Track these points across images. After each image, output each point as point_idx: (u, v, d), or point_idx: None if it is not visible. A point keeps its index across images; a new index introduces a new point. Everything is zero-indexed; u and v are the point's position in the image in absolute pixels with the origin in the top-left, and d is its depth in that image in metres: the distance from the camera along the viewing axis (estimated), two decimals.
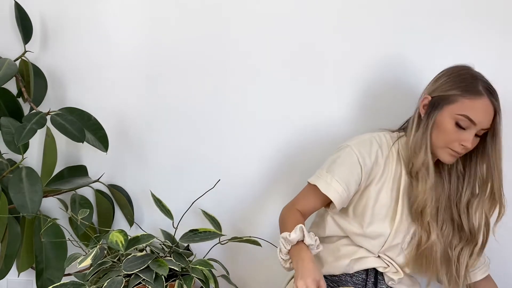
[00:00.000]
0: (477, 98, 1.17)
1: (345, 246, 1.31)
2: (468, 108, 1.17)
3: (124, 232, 1.32)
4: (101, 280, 1.31)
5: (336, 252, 1.32)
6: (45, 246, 1.52)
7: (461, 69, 1.23)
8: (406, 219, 1.27)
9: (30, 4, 1.57)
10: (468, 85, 1.18)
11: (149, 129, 1.64)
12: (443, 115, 1.20)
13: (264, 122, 1.60)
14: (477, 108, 1.17)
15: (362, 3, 1.52)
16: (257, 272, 1.68)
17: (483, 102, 1.17)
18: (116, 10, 1.59)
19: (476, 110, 1.17)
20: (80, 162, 1.66)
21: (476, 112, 1.17)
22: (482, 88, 1.18)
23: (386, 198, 1.26)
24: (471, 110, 1.17)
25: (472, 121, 1.17)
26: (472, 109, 1.17)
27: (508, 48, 1.50)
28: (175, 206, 1.53)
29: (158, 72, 1.61)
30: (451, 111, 1.19)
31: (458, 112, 1.18)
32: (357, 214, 1.28)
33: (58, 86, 1.63)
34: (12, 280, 1.69)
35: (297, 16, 1.54)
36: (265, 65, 1.58)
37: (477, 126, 1.17)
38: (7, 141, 1.39)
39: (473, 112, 1.16)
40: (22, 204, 1.30)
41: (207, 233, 1.47)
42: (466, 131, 1.18)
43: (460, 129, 1.18)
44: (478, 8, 1.49)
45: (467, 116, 1.16)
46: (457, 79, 1.21)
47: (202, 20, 1.57)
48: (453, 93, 1.19)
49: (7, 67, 1.43)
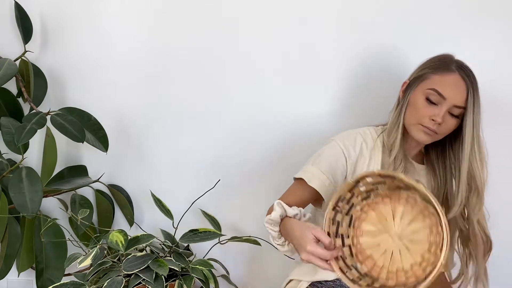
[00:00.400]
0: (447, 74, 1.19)
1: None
2: (437, 83, 1.19)
3: (124, 232, 1.32)
4: (101, 280, 1.31)
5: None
6: (45, 246, 1.52)
7: (439, 54, 1.25)
8: None
9: (30, 4, 1.57)
10: (440, 64, 1.21)
11: (149, 129, 1.64)
12: (416, 92, 1.22)
13: (264, 122, 1.60)
14: (447, 82, 1.18)
15: (362, 3, 1.52)
16: (257, 272, 1.68)
17: (454, 77, 1.19)
18: (116, 10, 1.59)
19: (446, 84, 1.18)
20: (80, 162, 1.66)
21: (446, 86, 1.18)
22: (454, 66, 1.20)
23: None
24: (441, 84, 1.18)
25: (441, 95, 1.17)
26: (441, 83, 1.18)
27: (508, 48, 1.50)
28: (175, 206, 1.53)
29: (158, 72, 1.61)
30: (422, 87, 1.21)
31: (428, 87, 1.19)
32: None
33: (58, 86, 1.63)
34: (12, 280, 1.69)
35: (294, 17, 1.55)
36: (265, 65, 1.58)
37: (447, 101, 1.18)
38: (7, 141, 1.39)
39: (443, 86, 1.18)
40: (22, 204, 1.30)
41: (207, 233, 1.47)
42: (438, 106, 1.18)
43: (431, 104, 1.19)
44: (478, 8, 1.49)
45: (436, 89, 1.18)
46: (431, 60, 1.24)
47: (202, 20, 1.57)
48: (425, 71, 1.22)
49: (7, 67, 1.43)
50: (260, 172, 1.63)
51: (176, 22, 1.58)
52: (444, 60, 1.22)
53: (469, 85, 1.18)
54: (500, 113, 1.52)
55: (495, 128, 1.52)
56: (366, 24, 1.53)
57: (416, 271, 1.01)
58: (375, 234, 1.06)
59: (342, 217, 1.07)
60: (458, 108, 1.19)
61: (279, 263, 1.41)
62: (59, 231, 1.51)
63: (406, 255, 1.03)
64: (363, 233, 1.07)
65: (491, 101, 1.51)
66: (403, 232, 1.04)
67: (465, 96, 1.18)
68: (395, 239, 1.04)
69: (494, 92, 1.50)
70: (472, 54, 1.49)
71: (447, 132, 1.22)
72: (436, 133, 1.20)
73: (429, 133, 1.20)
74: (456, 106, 1.18)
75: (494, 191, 1.34)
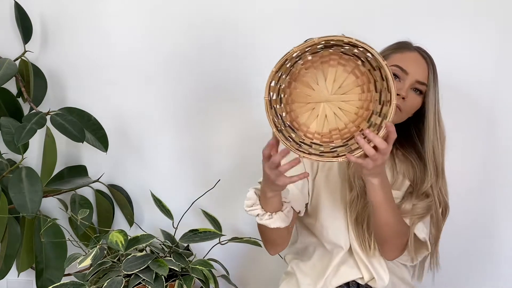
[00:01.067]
0: (407, 52, 1.21)
1: (320, 259, 1.28)
2: (399, 59, 1.20)
3: (124, 232, 1.32)
4: (101, 280, 1.31)
5: (313, 269, 1.28)
6: (45, 246, 1.52)
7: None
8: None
9: (30, 4, 1.57)
10: (399, 45, 1.24)
11: (149, 129, 1.64)
12: None
13: (265, 121, 1.60)
14: (408, 58, 1.20)
15: (362, 2, 1.52)
16: (257, 272, 1.68)
17: (414, 54, 1.21)
18: (116, 10, 1.59)
19: (407, 60, 1.19)
20: (80, 162, 1.66)
21: (408, 62, 1.19)
22: (413, 47, 1.23)
23: (335, 180, 1.25)
24: (402, 60, 1.19)
25: (404, 70, 1.18)
26: (403, 60, 1.19)
27: (507, 48, 1.50)
28: (175, 206, 1.53)
29: (158, 72, 1.61)
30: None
31: (390, 64, 1.19)
32: (313, 207, 1.26)
33: (58, 86, 1.63)
34: (12, 280, 1.69)
35: (293, 15, 1.55)
36: (265, 64, 1.58)
37: (410, 76, 1.18)
38: (7, 141, 1.39)
39: (405, 62, 1.19)
40: (22, 204, 1.30)
41: (207, 233, 1.47)
42: (401, 82, 1.18)
43: (395, 79, 1.18)
44: (478, 8, 1.49)
45: (398, 65, 1.18)
46: (390, 45, 1.26)
47: (202, 20, 1.57)
48: (386, 53, 1.23)
49: (7, 67, 1.43)
50: (260, 172, 1.62)
51: (176, 22, 1.58)
52: (404, 42, 1.25)
53: (429, 63, 1.20)
54: (500, 113, 1.52)
55: (495, 128, 1.53)
56: (366, 24, 1.53)
57: (351, 128, 1.02)
58: (307, 101, 1.04)
59: (278, 94, 1.03)
60: (420, 84, 1.19)
61: (279, 264, 1.41)
62: (59, 231, 1.51)
63: (341, 115, 1.03)
64: (296, 105, 1.05)
65: (490, 101, 1.52)
66: (335, 93, 1.02)
67: (426, 73, 1.19)
68: (328, 101, 1.02)
69: (494, 92, 1.51)
70: (472, 54, 1.50)
71: (411, 110, 1.20)
72: (400, 110, 1.18)
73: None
74: (418, 82, 1.18)
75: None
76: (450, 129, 1.27)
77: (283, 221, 1.14)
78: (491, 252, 1.57)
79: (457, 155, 1.49)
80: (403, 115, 1.20)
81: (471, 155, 1.54)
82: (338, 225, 1.24)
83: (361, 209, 1.21)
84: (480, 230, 1.56)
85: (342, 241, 1.24)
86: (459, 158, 1.50)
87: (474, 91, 1.51)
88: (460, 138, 1.50)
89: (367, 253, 1.23)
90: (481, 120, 1.53)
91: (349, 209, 1.23)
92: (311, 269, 1.28)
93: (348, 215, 1.23)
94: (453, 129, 1.35)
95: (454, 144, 1.48)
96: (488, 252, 1.57)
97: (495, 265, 1.58)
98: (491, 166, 1.54)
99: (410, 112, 1.21)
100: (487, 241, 1.57)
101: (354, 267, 1.25)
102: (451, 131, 1.28)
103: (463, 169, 1.52)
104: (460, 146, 1.51)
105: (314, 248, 1.30)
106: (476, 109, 1.52)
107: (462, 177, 1.52)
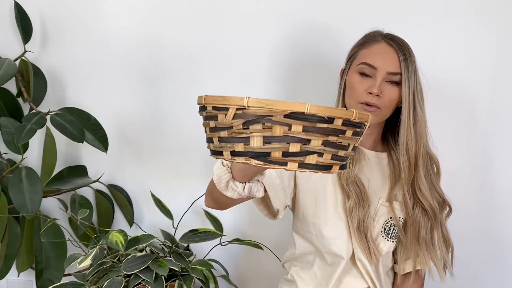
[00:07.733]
0: (373, 45, 1.17)
1: (321, 268, 1.25)
2: (366, 55, 1.16)
3: (124, 232, 1.32)
4: (101, 280, 1.31)
5: (314, 278, 1.26)
6: (45, 246, 1.52)
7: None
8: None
9: (30, 4, 1.57)
10: (366, 39, 1.20)
11: (149, 129, 1.64)
12: (350, 73, 1.19)
13: None
14: (374, 52, 1.16)
15: (362, 2, 1.52)
16: (257, 272, 1.68)
17: (380, 46, 1.16)
18: (116, 10, 1.59)
19: (373, 54, 1.16)
20: (80, 162, 1.66)
21: (374, 56, 1.15)
22: (380, 37, 1.18)
23: (333, 189, 1.22)
24: (368, 56, 1.16)
25: (372, 65, 1.15)
26: (368, 55, 1.16)
27: (507, 48, 1.50)
28: (175, 206, 1.53)
29: (158, 72, 1.61)
30: (354, 66, 1.19)
31: (358, 63, 1.17)
32: (313, 217, 1.22)
33: (58, 86, 1.63)
34: (12, 280, 1.69)
35: (289, 13, 1.55)
36: (265, 65, 1.58)
37: (379, 70, 1.14)
38: (7, 141, 1.38)
39: (371, 57, 1.15)
40: (22, 204, 1.30)
41: (207, 233, 1.47)
42: (372, 78, 1.15)
43: (365, 78, 1.16)
44: (477, 8, 1.49)
45: (366, 62, 1.15)
46: (359, 40, 1.22)
47: (202, 20, 1.57)
48: (354, 50, 1.20)
49: (7, 67, 1.43)
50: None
51: (176, 22, 1.58)
52: (370, 35, 1.20)
53: (397, 50, 1.15)
54: (500, 113, 1.52)
55: (495, 129, 1.53)
56: (366, 24, 1.52)
57: None
58: None
59: None
60: (394, 75, 1.14)
61: (279, 266, 1.41)
62: (59, 231, 1.50)
63: None
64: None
65: (490, 101, 1.52)
66: None
67: (397, 61, 1.14)
68: None
69: (494, 92, 1.51)
70: (472, 54, 1.50)
71: (391, 104, 1.16)
72: (378, 108, 1.15)
73: (370, 109, 1.14)
74: (391, 73, 1.14)
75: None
76: (450, 129, 1.28)
77: (239, 195, 1.01)
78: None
79: (456, 154, 1.49)
80: (383, 112, 1.16)
81: (471, 155, 1.54)
82: (341, 235, 1.21)
83: (362, 216, 1.18)
84: (480, 230, 1.56)
85: (344, 251, 1.21)
86: (458, 158, 1.50)
87: (474, 91, 1.51)
88: (459, 138, 1.51)
89: (371, 261, 1.21)
90: (480, 120, 1.53)
91: (349, 217, 1.19)
92: (312, 278, 1.27)
93: (350, 225, 1.20)
94: (452, 128, 1.36)
95: (453, 143, 1.49)
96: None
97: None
98: (490, 166, 1.54)
99: (390, 106, 1.16)
100: (487, 241, 1.57)
101: (358, 276, 1.23)
102: (450, 130, 1.29)
103: (463, 169, 1.53)
104: (458, 145, 1.51)
105: (314, 257, 1.27)
106: (475, 109, 1.52)
107: (462, 177, 1.52)
